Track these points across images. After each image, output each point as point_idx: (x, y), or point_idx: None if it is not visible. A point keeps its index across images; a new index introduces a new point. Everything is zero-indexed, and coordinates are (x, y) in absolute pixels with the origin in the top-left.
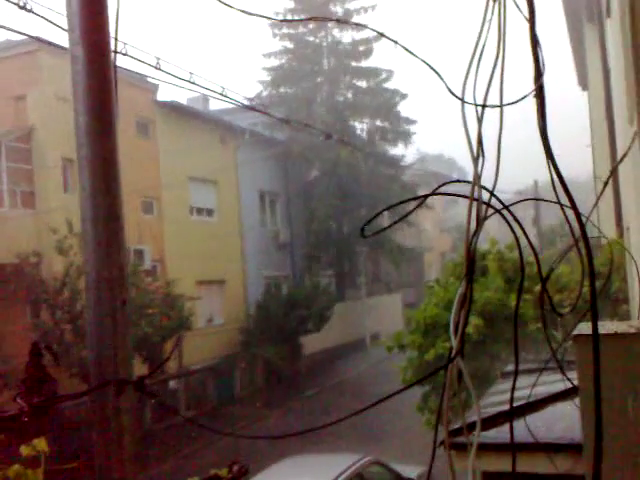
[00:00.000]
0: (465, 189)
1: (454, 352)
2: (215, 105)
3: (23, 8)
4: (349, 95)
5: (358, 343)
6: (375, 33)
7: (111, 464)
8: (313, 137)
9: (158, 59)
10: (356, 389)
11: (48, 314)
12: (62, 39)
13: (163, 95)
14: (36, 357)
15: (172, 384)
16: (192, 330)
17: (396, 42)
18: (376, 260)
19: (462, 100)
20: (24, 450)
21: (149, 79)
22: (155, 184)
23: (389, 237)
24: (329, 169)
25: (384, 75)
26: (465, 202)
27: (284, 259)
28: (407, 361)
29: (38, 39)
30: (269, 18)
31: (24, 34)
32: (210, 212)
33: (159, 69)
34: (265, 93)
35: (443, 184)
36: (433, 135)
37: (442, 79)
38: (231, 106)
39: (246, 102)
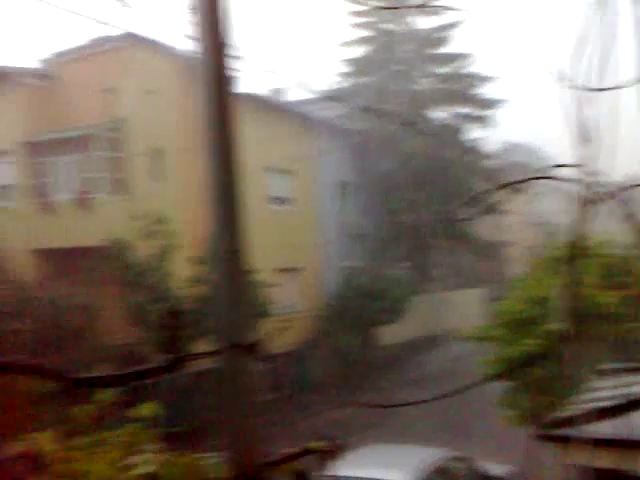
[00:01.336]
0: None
1: (560, 338)
2: (294, 96)
3: (125, 5)
4: (428, 82)
5: (435, 337)
6: (455, 18)
7: (239, 420)
8: (391, 127)
9: (238, 49)
10: (435, 384)
11: (139, 295)
12: (154, 34)
13: (242, 86)
14: (172, 319)
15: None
16: (271, 317)
17: (497, 25)
18: (455, 253)
19: (567, 83)
20: (137, 412)
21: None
22: None
23: (469, 229)
24: (406, 159)
25: (464, 60)
26: (555, 195)
27: (359, 250)
28: (492, 355)
29: (133, 34)
30: (360, 4)
31: (119, 29)
32: (287, 202)
33: (240, 59)
34: (344, 83)
35: (542, 169)
36: (518, 123)
37: (543, 62)
38: (309, 97)
39: (325, 93)
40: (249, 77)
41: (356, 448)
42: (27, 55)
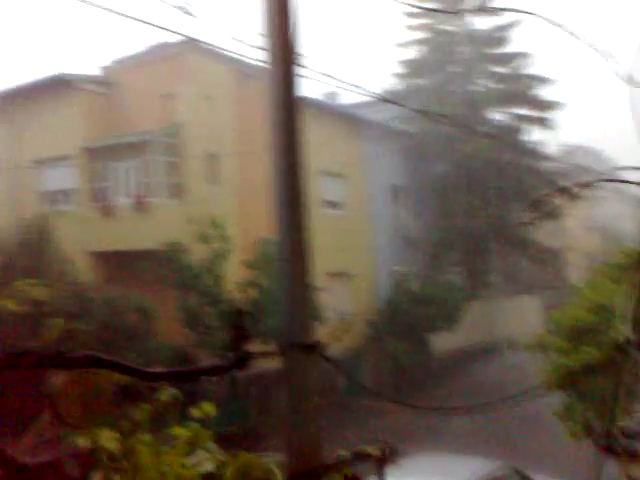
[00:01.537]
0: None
1: (623, 347)
2: (347, 99)
3: (187, 13)
4: (486, 83)
5: (490, 345)
6: (514, 17)
7: (296, 419)
8: (446, 129)
9: (304, 54)
10: (490, 394)
11: (193, 298)
12: (212, 40)
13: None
14: (238, 319)
15: None
16: (323, 321)
17: (561, 26)
18: (511, 259)
19: (633, 84)
20: (194, 412)
21: None
22: None
23: (527, 234)
24: (462, 162)
25: (523, 60)
26: (618, 199)
27: (412, 254)
28: (550, 365)
29: (191, 40)
30: (424, 8)
31: (177, 35)
32: (339, 205)
33: (304, 64)
34: (399, 85)
35: (604, 172)
36: (578, 125)
37: (606, 63)
38: (363, 99)
39: (379, 95)
40: (305, 79)
41: (408, 457)
42: (88, 62)
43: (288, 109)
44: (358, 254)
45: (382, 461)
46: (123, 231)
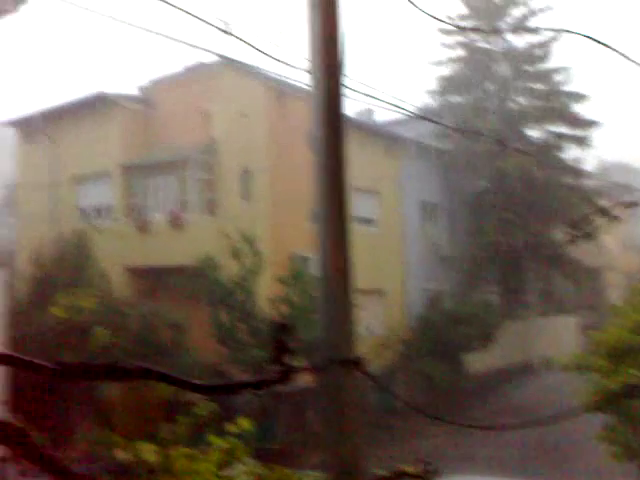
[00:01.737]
0: None
1: None
2: (383, 116)
3: (225, 32)
4: (523, 100)
5: (526, 366)
6: (552, 34)
7: (337, 436)
8: (482, 146)
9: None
10: (527, 415)
11: (226, 314)
12: (247, 58)
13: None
14: (280, 334)
15: None
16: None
17: (604, 44)
18: (548, 278)
19: None
20: (232, 427)
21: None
22: None
23: (564, 253)
24: (498, 179)
25: (561, 77)
26: None
27: (446, 272)
28: (591, 386)
29: (226, 59)
30: (461, 27)
31: (213, 54)
32: (372, 222)
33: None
34: (435, 102)
35: None
36: (616, 142)
37: None
38: (399, 117)
39: (415, 112)
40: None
41: (445, 478)
42: (127, 81)
43: (332, 127)
44: (391, 271)
45: None
46: (158, 247)
